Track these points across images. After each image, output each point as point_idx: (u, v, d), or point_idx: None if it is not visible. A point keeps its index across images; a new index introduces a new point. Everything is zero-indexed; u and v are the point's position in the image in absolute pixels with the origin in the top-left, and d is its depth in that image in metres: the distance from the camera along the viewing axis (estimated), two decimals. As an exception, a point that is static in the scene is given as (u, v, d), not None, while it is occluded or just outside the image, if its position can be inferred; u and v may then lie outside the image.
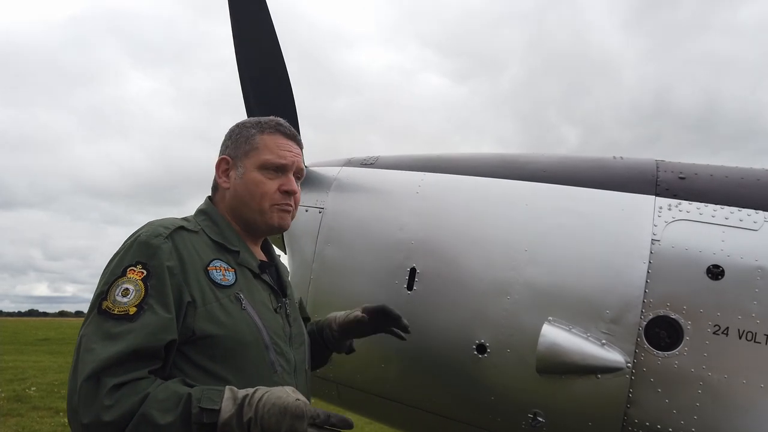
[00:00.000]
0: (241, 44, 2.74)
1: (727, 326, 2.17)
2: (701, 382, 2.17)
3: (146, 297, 1.56)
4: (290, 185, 1.86)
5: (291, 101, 2.77)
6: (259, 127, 1.90)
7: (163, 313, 1.56)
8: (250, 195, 1.84)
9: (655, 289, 2.25)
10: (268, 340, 1.72)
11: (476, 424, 2.52)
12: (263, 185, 1.84)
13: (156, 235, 1.66)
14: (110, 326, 1.53)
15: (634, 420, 2.23)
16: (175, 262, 1.64)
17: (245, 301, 1.72)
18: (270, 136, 1.88)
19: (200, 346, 1.61)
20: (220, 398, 1.48)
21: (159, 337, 1.53)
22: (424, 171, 2.80)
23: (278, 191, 1.85)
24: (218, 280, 1.70)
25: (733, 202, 2.36)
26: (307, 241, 2.75)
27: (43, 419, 9.40)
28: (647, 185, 2.47)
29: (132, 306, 1.54)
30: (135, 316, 1.53)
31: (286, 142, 1.89)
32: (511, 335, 2.37)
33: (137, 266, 1.60)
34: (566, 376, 2.28)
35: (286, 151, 1.88)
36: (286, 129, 1.92)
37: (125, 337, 1.50)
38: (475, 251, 2.49)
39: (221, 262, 1.75)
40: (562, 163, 2.73)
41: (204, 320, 1.62)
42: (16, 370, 16.05)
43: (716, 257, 2.23)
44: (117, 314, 1.54)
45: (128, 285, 1.57)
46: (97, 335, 1.53)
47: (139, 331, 1.52)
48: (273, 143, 1.87)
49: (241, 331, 1.66)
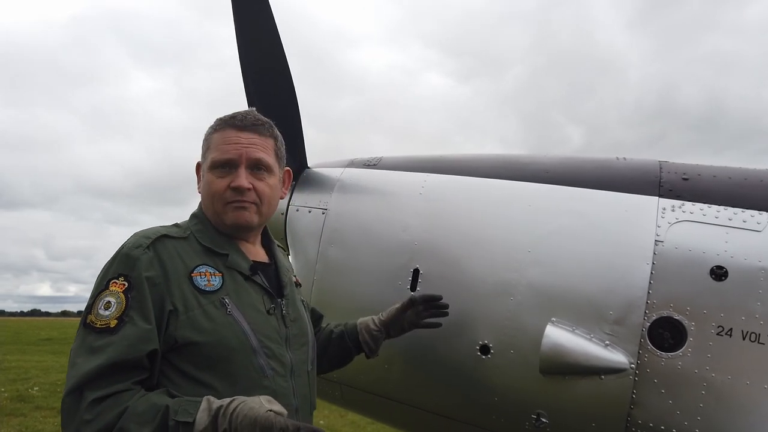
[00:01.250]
0: (244, 44, 2.74)
1: (730, 327, 2.16)
2: (705, 383, 2.16)
3: (127, 309, 1.58)
4: (237, 180, 1.79)
5: (293, 100, 2.77)
6: (215, 124, 1.86)
7: (142, 324, 1.57)
8: (206, 197, 1.85)
9: (659, 290, 2.25)
10: (257, 344, 1.71)
11: (479, 424, 2.52)
12: (212, 185, 1.81)
13: (137, 246, 1.67)
14: (92, 340, 1.56)
15: (637, 421, 2.23)
16: (156, 271, 1.64)
17: (231, 306, 1.70)
18: (220, 132, 1.83)
19: (184, 354, 1.62)
20: (195, 410, 1.47)
21: (139, 348, 1.55)
22: (427, 172, 2.79)
23: (228, 189, 1.80)
24: (202, 286, 1.69)
25: (737, 203, 2.35)
26: (310, 242, 2.75)
27: (45, 419, 9.41)
28: (650, 186, 2.47)
29: (113, 319, 1.57)
30: (116, 329, 1.55)
31: (235, 135, 1.81)
32: (514, 336, 2.37)
33: (119, 278, 1.62)
34: (569, 377, 2.28)
35: (232, 145, 1.80)
36: (239, 120, 1.84)
37: (105, 350, 1.53)
38: (479, 252, 2.49)
39: (207, 267, 1.74)
40: (565, 164, 2.73)
41: (186, 328, 1.62)
42: (19, 369, 16.08)
43: (720, 258, 2.23)
44: (99, 327, 1.56)
45: (110, 298, 1.59)
46: (82, 349, 1.56)
47: (118, 343, 1.54)
48: (221, 139, 1.82)
49: (225, 337, 1.66)
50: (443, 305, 2.38)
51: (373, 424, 8.40)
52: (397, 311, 2.34)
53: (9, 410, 9.98)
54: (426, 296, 2.36)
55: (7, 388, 12.34)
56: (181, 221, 1.90)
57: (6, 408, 10.14)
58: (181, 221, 1.90)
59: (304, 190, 2.88)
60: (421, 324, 2.37)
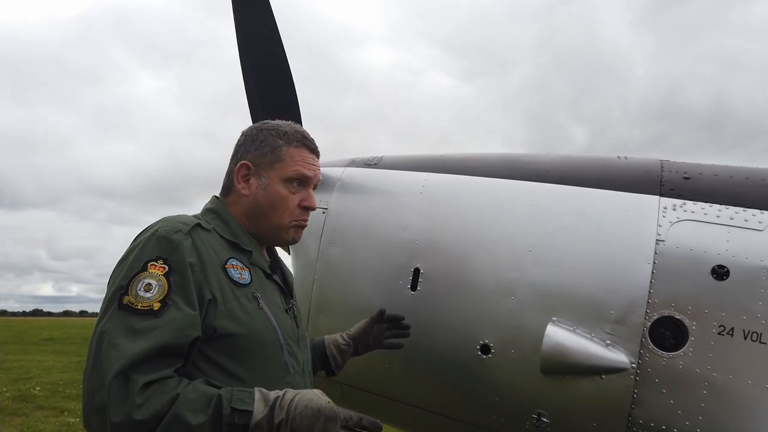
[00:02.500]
0: (244, 42, 2.74)
1: (732, 327, 2.16)
2: (706, 382, 2.16)
3: (170, 293, 1.54)
4: (310, 201, 1.89)
5: (294, 99, 2.77)
6: (286, 138, 1.88)
7: (188, 310, 1.54)
8: (272, 208, 1.85)
9: (660, 290, 2.24)
10: (283, 341, 1.73)
11: (480, 424, 2.52)
12: (287, 201, 1.85)
13: (176, 231, 1.64)
14: (134, 321, 1.49)
15: (638, 420, 2.23)
16: (195, 258, 1.62)
17: (262, 301, 1.73)
18: (297, 149, 1.88)
19: (220, 344, 1.61)
20: (251, 399, 1.48)
21: (185, 333, 1.52)
22: (428, 171, 2.79)
23: (299, 206, 1.87)
24: (236, 279, 1.69)
25: (738, 202, 2.34)
26: (310, 242, 2.75)
27: (47, 419, 9.43)
28: (652, 185, 2.46)
29: (156, 301, 1.52)
30: (160, 312, 1.51)
31: (310, 156, 1.91)
32: (515, 335, 2.36)
33: (158, 261, 1.57)
34: (570, 377, 2.27)
35: (311, 165, 1.90)
36: (311, 143, 1.94)
37: (152, 333, 1.48)
38: (479, 251, 2.49)
39: (236, 260, 1.74)
40: (566, 163, 2.73)
41: (225, 318, 1.61)
42: (21, 369, 16.12)
43: (721, 257, 2.22)
44: (141, 309, 1.51)
45: (150, 280, 1.54)
46: (121, 330, 1.49)
47: (165, 327, 1.49)
48: (299, 156, 1.88)
49: (260, 331, 1.67)
50: (405, 326, 2.46)
51: (375, 424, 8.40)
52: (366, 324, 2.42)
53: (11, 410, 10.00)
54: (390, 315, 2.43)
55: (8, 387, 12.37)
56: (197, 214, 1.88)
57: (8, 408, 10.17)
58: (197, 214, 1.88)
59: (305, 190, 2.88)
60: (383, 343, 2.43)
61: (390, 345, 2.44)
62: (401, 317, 2.45)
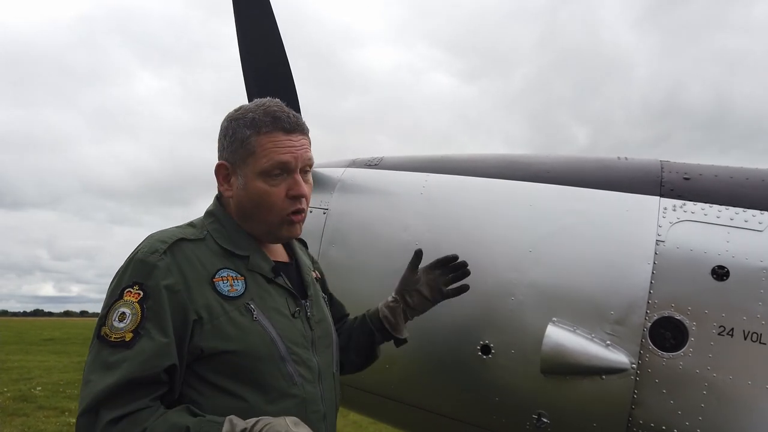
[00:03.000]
0: (244, 41, 2.75)
1: (732, 327, 2.16)
2: (706, 383, 2.16)
3: (142, 321, 1.48)
4: (298, 188, 1.69)
5: (295, 99, 2.77)
6: (254, 126, 1.67)
7: (159, 338, 1.47)
8: (256, 207, 1.70)
9: (660, 290, 2.24)
10: (285, 351, 1.62)
11: (480, 424, 2.52)
12: (268, 196, 1.67)
13: (152, 252, 1.56)
14: (107, 354, 1.47)
15: (638, 421, 2.23)
16: (175, 278, 1.53)
17: (257, 311, 1.61)
18: (267, 136, 1.66)
19: (211, 364, 1.54)
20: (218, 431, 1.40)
21: (154, 364, 1.46)
22: (429, 172, 2.79)
23: (286, 198, 1.70)
24: (225, 292, 1.59)
25: (738, 202, 2.34)
26: (311, 242, 2.74)
27: (48, 419, 9.44)
28: (652, 186, 2.46)
29: (128, 332, 1.47)
30: (131, 343, 1.46)
31: (286, 138, 1.67)
32: (515, 336, 2.36)
33: (134, 287, 1.51)
34: (571, 377, 2.27)
35: (286, 147, 1.67)
36: (285, 122, 1.69)
37: (120, 366, 1.44)
38: (480, 252, 2.49)
39: (229, 270, 1.64)
40: (567, 164, 2.73)
41: (212, 337, 1.53)
42: (22, 369, 16.13)
43: (721, 258, 2.22)
44: (113, 341, 1.47)
45: (125, 309, 1.49)
46: (95, 364, 1.47)
47: (133, 359, 1.44)
48: (271, 144, 1.66)
49: (254, 344, 1.57)
50: (461, 264, 2.18)
51: (375, 424, 8.40)
52: (408, 273, 2.15)
53: (12, 410, 10.01)
54: (439, 259, 2.17)
55: (9, 388, 12.38)
56: (196, 219, 1.78)
57: (8, 408, 10.17)
58: (196, 219, 1.78)
59: (306, 190, 2.88)
60: (445, 292, 2.17)
61: (453, 292, 2.17)
62: (452, 257, 2.17)
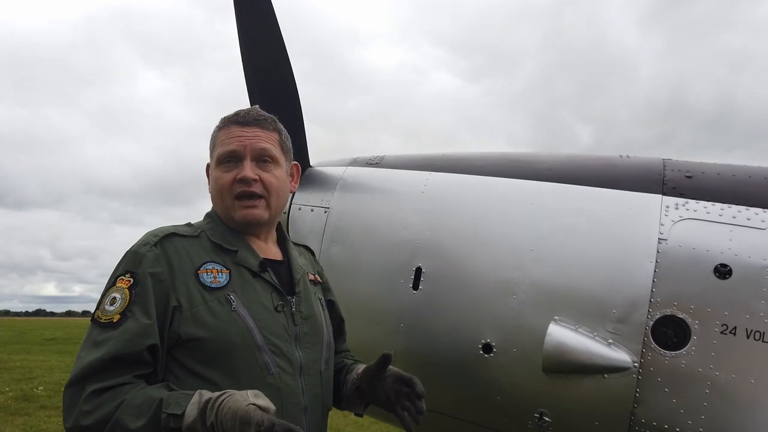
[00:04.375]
0: (246, 41, 2.75)
1: (734, 326, 2.15)
2: (709, 381, 2.16)
3: (130, 304, 1.62)
4: (243, 172, 1.80)
5: (295, 98, 2.77)
6: (220, 123, 1.89)
7: (143, 320, 1.60)
8: (215, 193, 1.87)
9: (662, 289, 2.24)
10: (262, 341, 1.70)
11: (482, 423, 2.52)
12: (219, 180, 1.84)
13: (144, 244, 1.72)
14: (96, 334, 1.61)
15: (641, 420, 2.22)
16: (161, 268, 1.68)
17: (236, 302, 1.71)
18: (224, 129, 1.87)
19: (188, 350, 1.65)
20: (187, 402, 1.49)
21: (137, 342, 1.58)
22: (430, 170, 2.79)
23: (235, 182, 1.82)
24: (208, 283, 1.71)
25: (741, 200, 2.34)
26: (312, 241, 2.74)
27: (50, 418, 9.44)
28: (654, 184, 2.46)
29: (116, 314, 1.61)
30: (118, 324, 1.60)
31: (239, 130, 1.84)
32: (517, 335, 2.36)
33: (126, 275, 1.67)
34: (573, 376, 2.27)
35: (236, 137, 1.83)
36: (242, 117, 1.86)
37: (106, 344, 1.57)
38: (481, 250, 2.49)
39: (215, 264, 1.76)
40: (569, 162, 2.72)
41: (189, 324, 1.65)
42: (24, 369, 16.13)
43: (723, 256, 2.22)
44: (103, 322, 1.62)
45: (116, 294, 1.65)
46: (87, 343, 1.61)
47: (118, 337, 1.58)
48: (225, 135, 1.85)
49: (229, 333, 1.67)
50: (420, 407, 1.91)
51: (377, 423, 8.39)
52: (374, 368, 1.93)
53: (14, 410, 10.01)
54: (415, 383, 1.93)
55: (11, 387, 12.39)
56: (196, 221, 1.93)
57: (11, 407, 10.18)
58: (196, 221, 1.93)
59: (307, 189, 2.88)
60: (396, 410, 1.90)
61: (404, 421, 1.89)
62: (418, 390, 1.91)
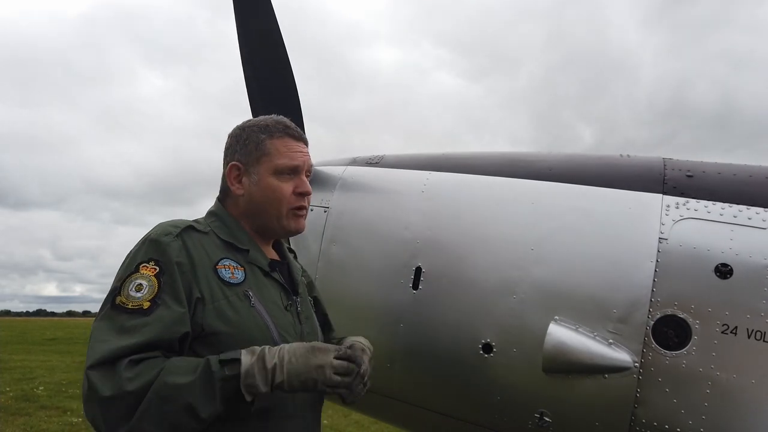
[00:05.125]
0: (245, 40, 2.74)
1: (735, 325, 2.15)
2: (710, 381, 2.15)
3: (159, 292, 1.60)
4: (304, 186, 1.91)
5: (295, 97, 2.77)
6: (268, 131, 1.91)
7: (176, 307, 1.59)
8: (268, 201, 1.88)
9: (663, 288, 2.23)
10: (278, 338, 1.73)
11: (482, 423, 2.51)
12: (280, 190, 1.87)
13: (166, 234, 1.71)
14: (124, 320, 1.56)
15: (641, 420, 2.21)
16: (184, 259, 1.67)
17: (254, 299, 1.74)
18: (280, 140, 1.90)
19: (208, 343, 1.64)
20: (238, 354, 1.54)
21: (173, 330, 1.57)
22: (430, 170, 2.79)
23: (293, 194, 1.89)
24: (227, 278, 1.72)
25: (742, 200, 2.33)
26: (312, 240, 2.74)
27: (50, 418, 9.44)
28: (654, 183, 2.45)
29: (146, 300, 1.58)
30: (149, 310, 1.57)
31: (296, 144, 1.92)
32: (517, 335, 2.35)
33: (150, 263, 1.64)
34: (573, 376, 2.27)
35: (297, 152, 1.91)
36: (294, 131, 1.95)
37: (141, 330, 1.54)
38: (481, 250, 2.48)
39: (230, 260, 1.78)
40: (569, 162, 2.72)
41: (212, 317, 1.65)
42: (24, 369, 16.15)
43: (724, 256, 2.21)
44: (131, 308, 1.57)
45: (141, 281, 1.61)
46: (112, 329, 1.56)
47: (154, 324, 1.55)
48: (284, 147, 1.90)
49: (249, 329, 1.68)
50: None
51: (377, 423, 8.39)
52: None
53: (14, 410, 10.01)
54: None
55: (12, 387, 12.39)
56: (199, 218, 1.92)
57: (11, 407, 10.18)
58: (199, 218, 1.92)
59: (307, 188, 2.88)
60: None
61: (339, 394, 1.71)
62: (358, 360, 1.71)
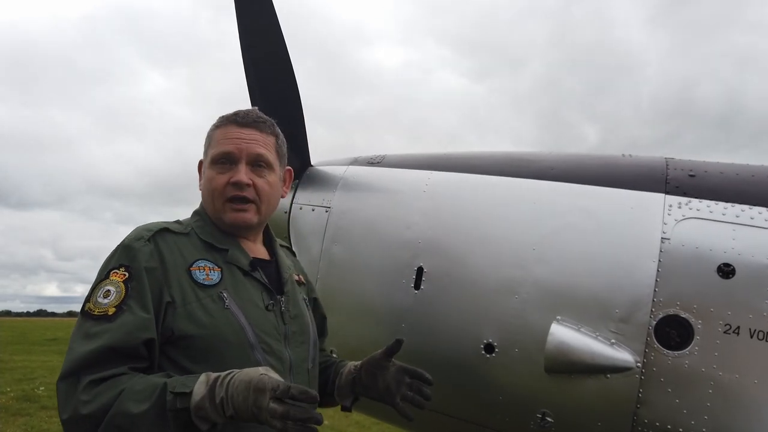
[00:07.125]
0: (246, 40, 2.74)
1: (738, 325, 2.14)
2: (712, 381, 2.14)
3: (126, 298, 1.60)
4: (237, 176, 1.79)
5: (296, 97, 2.77)
6: (217, 121, 1.87)
7: (141, 313, 1.59)
8: (207, 193, 1.85)
9: (665, 288, 2.22)
10: (254, 339, 1.71)
11: (484, 424, 2.50)
12: (213, 181, 1.82)
13: (138, 238, 1.70)
14: (89, 326, 1.58)
15: (643, 420, 2.21)
16: (155, 263, 1.66)
17: (229, 300, 1.71)
18: (222, 128, 1.85)
19: (180, 347, 1.64)
20: (193, 383, 1.50)
21: (135, 336, 1.56)
22: (431, 170, 2.78)
23: (228, 184, 1.80)
24: (200, 280, 1.70)
25: (744, 199, 2.33)
26: (313, 240, 2.74)
27: (51, 419, 9.43)
28: (657, 183, 2.45)
29: (111, 307, 1.59)
30: (113, 317, 1.57)
31: (237, 131, 1.82)
32: (519, 334, 2.35)
33: (120, 269, 1.65)
34: (575, 376, 2.26)
35: (234, 139, 1.81)
36: (241, 117, 1.85)
37: (102, 336, 1.55)
38: (483, 250, 2.48)
39: (207, 261, 1.76)
40: (570, 161, 2.71)
41: (183, 320, 1.64)
42: (25, 369, 16.14)
43: (727, 255, 2.21)
44: (97, 315, 1.59)
45: (110, 287, 1.62)
46: (78, 335, 1.59)
47: (115, 330, 1.55)
48: (222, 135, 1.83)
49: (222, 331, 1.66)
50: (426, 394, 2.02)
51: (378, 424, 8.38)
52: (380, 354, 2.00)
53: (15, 410, 10.00)
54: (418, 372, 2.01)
55: (12, 387, 12.39)
56: (183, 218, 1.92)
57: (12, 408, 10.17)
58: (183, 218, 1.92)
59: (308, 189, 2.88)
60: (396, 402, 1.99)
61: (402, 410, 1.98)
62: (426, 377, 2.00)
